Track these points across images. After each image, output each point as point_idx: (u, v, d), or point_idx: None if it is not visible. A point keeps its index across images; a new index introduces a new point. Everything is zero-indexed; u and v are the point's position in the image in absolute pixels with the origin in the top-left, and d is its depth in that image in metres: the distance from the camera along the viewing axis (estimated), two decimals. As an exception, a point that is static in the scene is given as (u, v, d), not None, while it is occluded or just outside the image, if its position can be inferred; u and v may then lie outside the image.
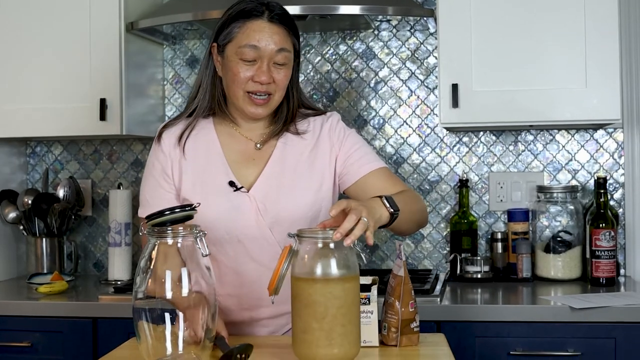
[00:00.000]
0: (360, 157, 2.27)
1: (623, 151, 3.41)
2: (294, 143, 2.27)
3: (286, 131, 2.28)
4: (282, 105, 2.28)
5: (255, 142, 2.27)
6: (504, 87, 3.08)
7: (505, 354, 2.75)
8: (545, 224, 3.32)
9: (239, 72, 2.17)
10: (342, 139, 2.29)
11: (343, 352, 1.81)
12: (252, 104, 2.20)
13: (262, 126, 2.30)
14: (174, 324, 1.79)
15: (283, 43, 2.18)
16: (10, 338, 3.00)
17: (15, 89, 3.36)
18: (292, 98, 2.30)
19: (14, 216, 3.60)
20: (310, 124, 2.31)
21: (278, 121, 2.29)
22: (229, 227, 2.18)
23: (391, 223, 2.02)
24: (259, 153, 2.26)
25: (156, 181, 2.28)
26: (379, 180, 2.25)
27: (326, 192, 2.25)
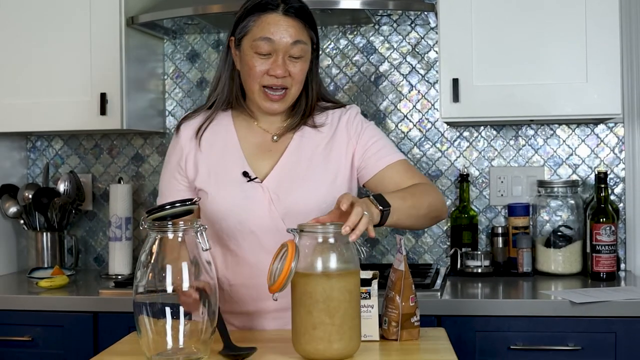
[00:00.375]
0: (378, 150, 2.26)
1: (624, 146, 3.41)
2: (311, 136, 2.28)
3: (304, 124, 2.28)
4: (300, 98, 2.28)
5: (272, 134, 2.28)
6: (505, 82, 3.07)
7: (505, 348, 2.75)
8: (546, 218, 3.32)
9: (254, 66, 2.17)
10: (360, 132, 2.28)
11: (343, 346, 1.81)
12: (267, 99, 2.20)
13: (279, 119, 2.30)
14: (175, 318, 1.79)
15: (298, 36, 2.17)
16: (11, 332, 3.01)
17: (15, 84, 3.36)
18: (311, 91, 2.29)
19: (15, 211, 3.61)
20: (328, 116, 2.31)
21: (296, 115, 2.29)
22: (241, 217, 2.18)
23: (384, 221, 2.01)
24: (276, 145, 2.27)
25: (171, 173, 2.30)
26: (397, 173, 2.24)
27: (341, 185, 2.24)
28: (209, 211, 2.22)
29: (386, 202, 2.01)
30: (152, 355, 1.82)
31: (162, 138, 3.71)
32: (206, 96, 3.59)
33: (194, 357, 1.82)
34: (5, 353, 3.01)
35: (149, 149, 3.72)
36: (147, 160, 3.72)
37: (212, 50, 3.67)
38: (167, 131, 3.70)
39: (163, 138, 3.71)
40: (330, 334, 1.79)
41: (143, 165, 3.72)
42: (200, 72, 3.68)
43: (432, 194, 2.20)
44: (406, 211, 2.08)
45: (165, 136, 3.70)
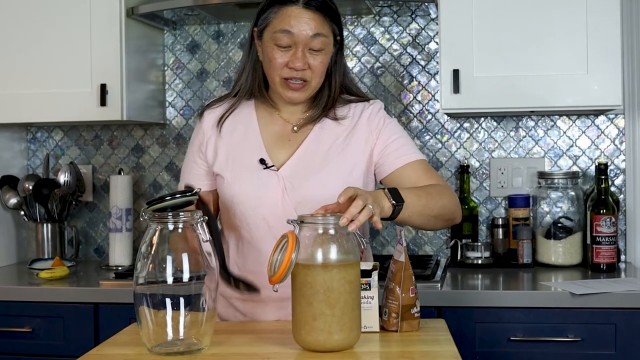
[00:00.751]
0: (397, 148, 2.26)
1: (624, 137, 3.41)
2: (331, 128, 2.28)
3: (325, 116, 2.29)
4: (322, 90, 2.29)
5: (293, 124, 2.29)
6: (505, 73, 3.07)
7: (505, 339, 2.75)
8: (546, 209, 3.32)
9: (274, 58, 2.18)
10: (381, 128, 2.28)
11: (343, 337, 1.81)
12: (288, 88, 2.21)
13: (300, 110, 2.31)
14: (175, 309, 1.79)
15: (319, 28, 2.17)
16: (11, 323, 3.01)
17: (15, 75, 3.36)
18: (334, 84, 2.29)
19: (15, 202, 3.61)
20: (350, 109, 2.31)
21: (317, 106, 2.30)
22: (254, 203, 2.20)
23: (395, 215, 2.01)
24: (295, 135, 2.28)
25: (192, 158, 2.34)
26: (414, 172, 2.24)
27: (357, 178, 2.25)
28: (224, 196, 2.25)
29: (400, 197, 2.01)
30: (153, 346, 1.82)
31: (162, 129, 3.70)
32: (206, 87, 3.63)
33: (194, 348, 1.82)
34: (5, 344, 3.02)
35: (149, 140, 3.71)
36: (147, 151, 3.72)
37: (212, 41, 3.66)
38: (167, 122, 3.70)
39: (163, 129, 3.70)
40: (331, 325, 1.79)
41: (143, 156, 3.72)
42: (200, 63, 3.67)
43: (447, 196, 2.19)
44: (419, 209, 2.08)
45: (165, 127, 3.70)
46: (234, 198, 2.22)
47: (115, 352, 1.87)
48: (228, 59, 3.65)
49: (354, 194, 1.88)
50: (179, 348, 1.81)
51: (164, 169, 3.70)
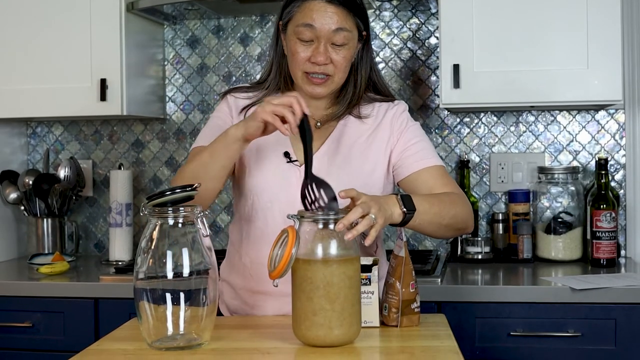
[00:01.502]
0: (416, 152, 2.25)
1: (624, 132, 3.41)
2: (355, 126, 2.27)
3: (349, 114, 2.28)
4: (347, 87, 2.28)
5: (316, 120, 2.28)
6: (506, 68, 3.07)
7: (505, 334, 2.75)
8: (546, 205, 3.32)
9: (297, 52, 2.17)
10: (403, 130, 2.28)
11: (343, 332, 1.81)
12: (310, 83, 2.20)
13: (324, 105, 2.30)
14: (175, 304, 1.79)
15: (341, 23, 2.16)
16: (11, 318, 3.01)
17: (15, 70, 3.36)
18: (359, 81, 2.28)
19: (15, 197, 3.61)
20: (374, 109, 2.30)
21: (341, 103, 2.29)
22: (273, 196, 2.19)
23: (405, 222, 2.01)
24: (318, 132, 2.27)
25: (218, 120, 2.30)
26: (432, 177, 2.22)
27: (377, 179, 2.25)
28: (243, 185, 2.23)
29: (412, 204, 2.01)
30: (153, 341, 1.82)
31: (163, 124, 3.70)
32: (206, 82, 3.63)
33: (194, 343, 1.82)
34: (5, 339, 3.02)
35: (149, 135, 3.71)
36: (148, 146, 3.72)
37: (212, 36, 3.66)
38: (167, 117, 3.69)
39: (163, 124, 3.70)
40: (331, 320, 1.79)
41: (143, 151, 3.72)
42: (200, 58, 3.67)
43: (461, 206, 2.18)
44: (430, 218, 2.07)
45: (165, 122, 3.70)
46: (254, 188, 2.21)
47: (115, 347, 1.87)
48: (228, 53, 3.65)
49: (356, 197, 1.88)
50: (179, 343, 1.82)
51: (164, 164, 3.70)
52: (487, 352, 2.76)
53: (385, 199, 1.98)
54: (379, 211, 1.89)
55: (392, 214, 1.97)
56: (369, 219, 1.85)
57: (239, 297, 2.29)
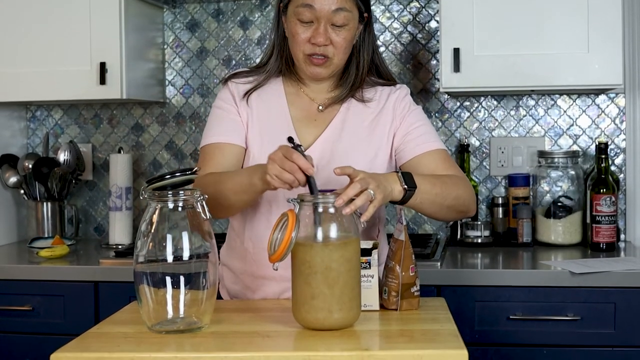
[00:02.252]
0: (419, 136, 2.25)
1: (624, 116, 3.40)
2: (358, 110, 2.27)
3: (351, 97, 2.28)
4: (349, 69, 2.27)
5: (318, 104, 2.27)
6: (506, 52, 3.06)
7: (505, 318, 2.76)
8: (546, 189, 3.32)
9: (297, 33, 2.17)
10: (406, 114, 2.27)
11: (343, 316, 1.81)
12: (310, 64, 2.19)
13: (326, 89, 2.30)
14: (175, 287, 1.80)
15: (341, 3, 2.14)
16: (11, 302, 3.01)
17: (15, 53, 3.35)
18: (362, 63, 2.28)
19: (15, 180, 3.61)
20: (377, 92, 2.30)
21: (344, 86, 2.28)
22: None
23: (406, 200, 2.01)
24: (321, 115, 2.27)
25: (222, 111, 2.29)
26: (434, 161, 2.22)
27: (381, 163, 2.24)
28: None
29: (413, 182, 2.01)
30: (153, 324, 1.82)
31: (162, 108, 3.70)
32: (206, 65, 3.62)
33: (194, 326, 1.83)
34: (5, 322, 3.02)
35: (149, 119, 3.71)
36: (147, 130, 3.71)
37: (212, 20, 3.65)
38: (167, 101, 3.69)
39: (163, 108, 3.70)
40: (330, 304, 1.79)
41: (143, 135, 3.72)
42: (200, 42, 3.66)
43: (463, 188, 2.18)
44: (432, 197, 2.07)
45: (165, 106, 3.69)
46: None
47: (115, 330, 1.87)
48: (228, 37, 3.64)
49: (352, 174, 1.88)
50: (179, 326, 1.82)
51: (164, 147, 3.70)
52: (486, 336, 2.77)
53: (384, 176, 1.98)
54: (378, 187, 1.89)
55: (392, 191, 1.97)
56: (367, 194, 1.85)
57: (240, 282, 2.29)
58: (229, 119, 2.27)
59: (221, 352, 1.68)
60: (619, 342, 2.72)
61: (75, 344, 1.75)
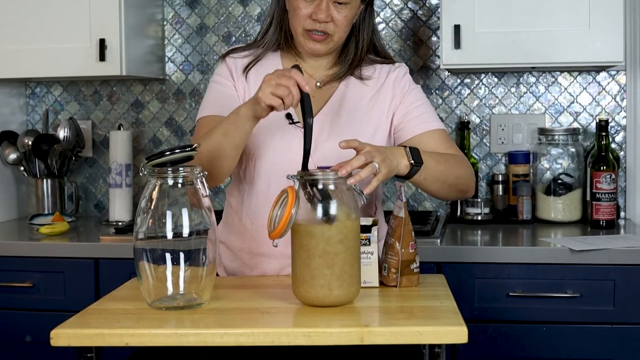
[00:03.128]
0: (419, 115, 2.25)
1: (625, 94, 3.40)
2: (356, 87, 2.27)
3: (350, 75, 2.28)
4: (349, 47, 2.27)
5: (316, 80, 2.27)
6: (507, 29, 3.05)
7: (504, 295, 2.76)
8: (546, 166, 3.32)
9: (299, 8, 2.16)
10: (406, 93, 2.27)
11: (343, 293, 1.81)
12: (310, 39, 2.19)
13: (325, 66, 2.29)
14: (175, 264, 1.80)
15: None
16: (11, 278, 3.02)
17: (14, 30, 3.34)
18: (361, 42, 2.27)
19: (15, 157, 3.60)
20: (376, 70, 2.30)
21: (343, 63, 2.28)
22: (276, 158, 2.18)
23: (411, 175, 2.01)
24: (320, 92, 2.26)
25: (220, 85, 2.29)
26: (432, 141, 2.22)
27: (380, 140, 2.24)
28: (245, 147, 2.21)
29: (420, 157, 2.01)
30: (153, 300, 1.83)
31: (162, 84, 3.69)
32: (206, 42, 3.61)
33: (194, 303, 1.83)
34: (6, 299, 3.03)
35: (148, 96, 3.70)
36: (147, 106, 3.70)
37: (212, -4, 3.64)
38: (167, 77, 3.68)
39: (163, 84, 3.69)
40: (330, 280, 1.79)
41: (143, 111, 3.71)
42: (200, 18, 3.65)
43: (464, 168, 2.19)
44: (436, 175, 2.08)
45: (165, 82, 3.68)
46: (256, 151, 2.19)
47: (115, 307, 1.88)
48: (228, 13, 3.62)
49: (358, 147, 1.88)
50: (179, 302, 1.82)
51: (164, 124, 3.70)
52: (486, 313, 2.78)
53: (391, 150, 1.98)
54: (383, 161, 1.89)
55: (397, 165, 1.97)
56: (372, 166, 1.85)
57: (239, 259, 2.29)
58: (226, 93, 2.27)
59: (221, 328, 1.68)
60: (618, 319, 2.73)
61: (75, 321, 1.76)
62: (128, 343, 1.67)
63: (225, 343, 1.66)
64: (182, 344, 1.67)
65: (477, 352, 2.78)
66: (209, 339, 1.67)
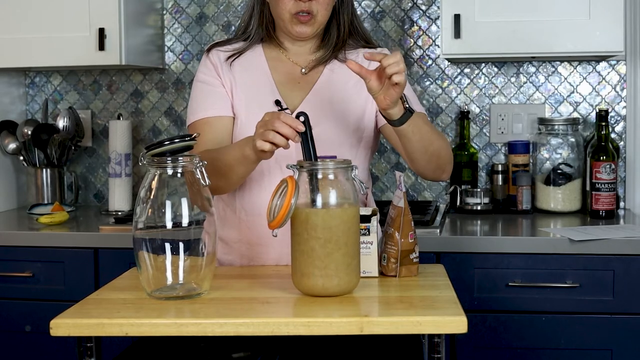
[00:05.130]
0: None
1: (625, 84, 3.39)
2: (341, 70, 2.28)
3: (334, 58, 2.30)
4: (330, 30, 2.30)
5: (302, 67, 2.29)
6: (507, 18, 3.05)
7: (504, 285, 2.77)
8: (546, 156, 3.32)
9: None
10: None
11: (342, 282, 1.81)
12: (297, 22, 2.20)
13: (309, 51, 2.31)
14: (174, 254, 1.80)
15: None
16: (11, 268, 3.02)
17: (13, 19, 3.33)
18: (342, 23, 2.30)
19: (14, 147, 3.60)
20: (359, 54, 2.31)
21: (326, 47, 2.30)
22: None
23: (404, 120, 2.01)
24: (305, 78, 2.28)
25: (207, 85, 2.29)
26: None
27: (368, 121, 2.26)
28: (236, 138, 2.22)
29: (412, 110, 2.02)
30: (152, 290, 1.83)
31: (162, 74, 3.68)
32: (205, 31, 3.60)
33: (193, 293, 1.83)
34: (6, 289, 3.03)
35: (148, 85, 3.70)
36: (147, 96, 3.70)
37: (212, -15, 3.63)
38: (166, 67, 3.67)
39: (162, 74, 3.68)
40: (330, 270, 1.79)
41: (142, 101, 3.71)
42: (199, 7, 3.64)
43: (446, 144, 2.20)
44: (421, 134, 2.08)
45: (164, 72, 3.68)
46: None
47: (115, 297, 1.88)
48: (227, 3, 3.61)
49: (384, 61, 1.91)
50: (179, 292, 1.82)
51: (163, 114, 3.69)
52: (485, 303, 2.78)
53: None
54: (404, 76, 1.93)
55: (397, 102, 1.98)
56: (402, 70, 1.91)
57: (235, 251, 2.28)
58: (214, 92, 2.28)
59: (221, 318, 1.68)
60: (617, 310, 2.73)
61: (75, 310, 1.76)
62: (128, 333, 1.67)
63: (225, 333, 1.67)
64: (181, 334, 1.67)
65: (477, 342, 2.78)
66: (209, 329, 1.67)
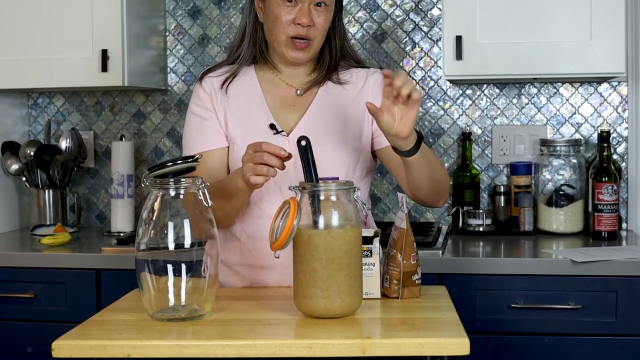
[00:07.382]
0: None
1: (627, 105, 3.40)
2: (336, 92, 2.29)
3: (328, 80, 2.30)
4: (324, 53, 2.30)
5: (296, 89, 2.29)
6: (508, 39, 3.06)
7: (506, 306, 2.76)
8: (548, 177, 3.32)
9: (280, 15, 2.18)
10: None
11: (344, 304, 1.81)
12: (293, 48, 2.21)
13: (303, 73, 2.31)
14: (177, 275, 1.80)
15: None
16: (13, 289, 3.02)
17: (16, 40, 3.34)
18: (335, 46, 2.31)
19: (17, 168, 3.60)
20: (352, 75, 2.32)
21: (320, 69, 2.31)
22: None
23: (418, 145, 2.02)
24: (300, 100, 2.28)
25: (200, 118, 2.29)
26: None
27: (365, 143, 2.26)
28: (233, 162, 2.23)
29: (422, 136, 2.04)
30: (154, 312, 1.82)
31: (164, 95, 3.69)
32: (208, 53, 3.61)
33: (196, 314, 1.83)
34: (7, 310, 3.03)
35: (150, 106, 3.71)
36: (149, 117, 3.71)
37: (214, 7, 3.64)
38: (169, 88, 3.68)
39: (165, 95, 3.69)
40: (332, 292, 1.79)
41: (145, 122, 3.71)
42: (202, 29, 3.66)
43: (445, 174, 2.22)
44: (428, 159, 2.09)
45: (167, 93, 3.69)
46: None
47: (117, 318, 1.88)
48: (230, 24, 3.63)
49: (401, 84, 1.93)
50: (181, 314, 1.82)
51: (166, 135, 3.70)
52: (487, 324, 2.77)
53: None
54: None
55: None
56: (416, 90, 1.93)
57: (237, 274, 2.27)
58: (207, 126, 2.28)
59: (223, 339, 1.68)
60: (620, 331, 2.72)
61: (76, 332, 1.76)
62: (129, 354, 1.67)
63: (227, 354, 1.66)
64: (183, 356, 1.67)
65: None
66: (211, 351, 1.66)
